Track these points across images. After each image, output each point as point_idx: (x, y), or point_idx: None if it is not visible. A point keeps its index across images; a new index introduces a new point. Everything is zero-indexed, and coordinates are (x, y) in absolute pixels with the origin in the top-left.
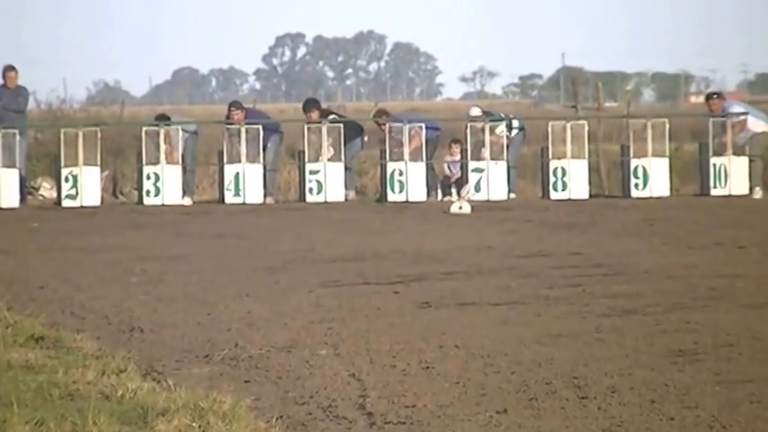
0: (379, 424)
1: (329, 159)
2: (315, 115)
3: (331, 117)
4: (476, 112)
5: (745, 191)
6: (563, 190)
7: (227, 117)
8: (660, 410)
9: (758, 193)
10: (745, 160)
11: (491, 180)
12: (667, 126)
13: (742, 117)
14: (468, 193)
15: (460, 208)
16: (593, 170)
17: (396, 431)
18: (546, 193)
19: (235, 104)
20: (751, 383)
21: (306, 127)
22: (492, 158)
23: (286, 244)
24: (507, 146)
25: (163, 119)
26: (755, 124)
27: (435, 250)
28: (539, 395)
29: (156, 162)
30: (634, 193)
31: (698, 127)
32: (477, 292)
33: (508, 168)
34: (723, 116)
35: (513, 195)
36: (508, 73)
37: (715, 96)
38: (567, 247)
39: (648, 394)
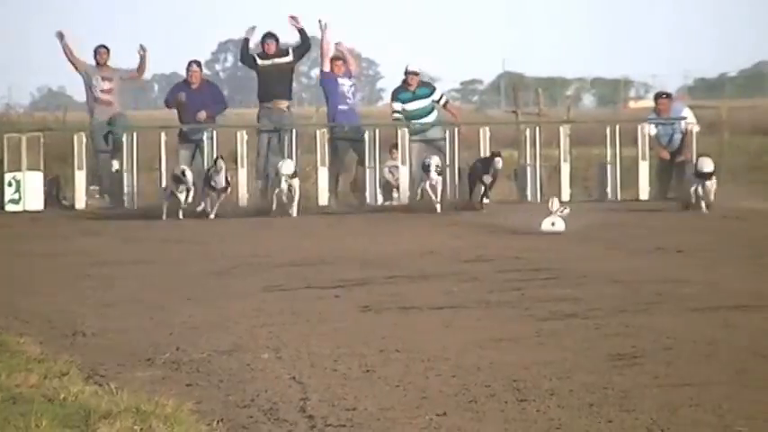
0: (320, 427)
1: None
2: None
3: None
4: (413, 67)
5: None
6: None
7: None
8: (599, 413)
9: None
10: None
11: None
12: (609, 130)
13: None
14: (559, 207)
15: (553, 224)
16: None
17: None
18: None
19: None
20: (690, 387)
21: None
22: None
23: (234, 249)
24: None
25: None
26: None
27: (380, 255)
28: (479, 398)
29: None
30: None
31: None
32: (420, 297)
33: (459, 171)
34: (662, 122)
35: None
36: (449, 78)
37: (664, 96)
38: (509, 251)
39: (588, 397)
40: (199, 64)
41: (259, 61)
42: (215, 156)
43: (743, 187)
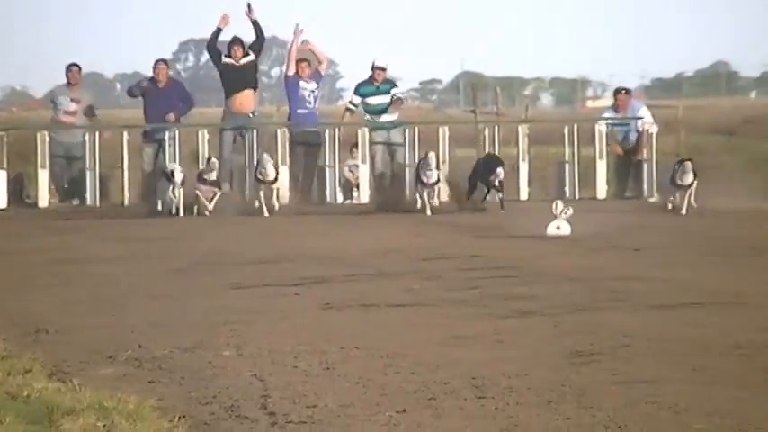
0: (281, 423)
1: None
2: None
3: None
4: (381, 63)
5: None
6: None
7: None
8: (557, 410)
9: (654, 197)
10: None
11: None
12: (567, 129)
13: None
14: (563, 209)
15: (558, 228)
16: None
17: (297, 430)
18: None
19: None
20: (647, 384)
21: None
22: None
23: (194, 247)
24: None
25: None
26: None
27: (341, 253)
28: (438, 395)
29: None
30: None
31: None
32: (380, 294)
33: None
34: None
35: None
36: (409, 78)
37: (623, 92)
38: (469, 249)
39: (546, 394)
40: (166, 62)
41: (224, 59)
42: (207, 155)
43: (699, 186)
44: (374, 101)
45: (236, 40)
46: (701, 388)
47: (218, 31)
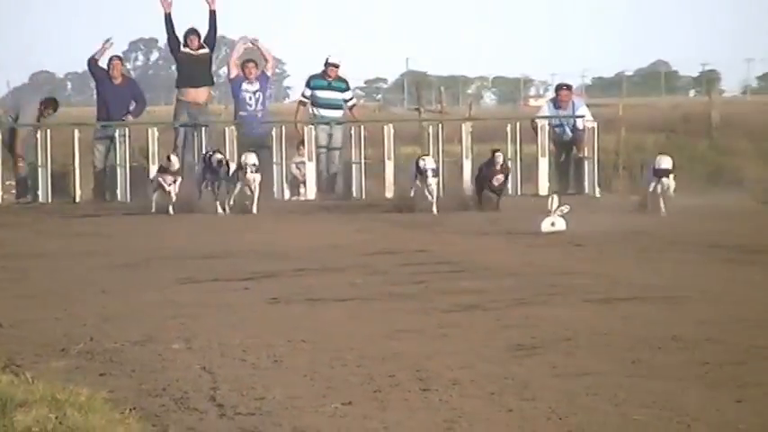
0: (230, 415)
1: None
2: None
3: None
4: (334, 59)
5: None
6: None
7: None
8: (500, 402)
9: (597, 192)
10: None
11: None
12: (509, 127)
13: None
14: (559, 206)
15: (553, 225)
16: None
17: (245, 422)
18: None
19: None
20: (587, 376)
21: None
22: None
23: (144, 242)
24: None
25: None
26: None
27: (287, 248)
28: (383, 387)
29: None
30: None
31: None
32: (326, 289)
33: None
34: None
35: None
36: (354, 77)
37: (565, 87)
38: (414, 244)
39: (489, 387)
40: (120, 58)
41: (183, 49)
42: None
43: (639, 182)
44: (324, 95)
45: (193, 31)
46: (639, 380)
47: (168, 16)
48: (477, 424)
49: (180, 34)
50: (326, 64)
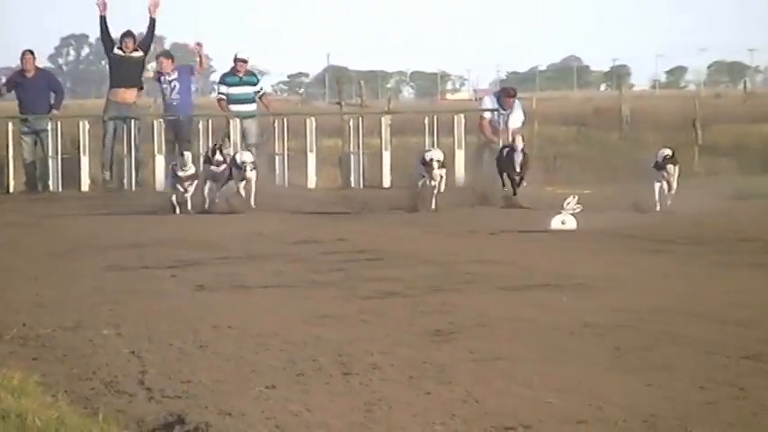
0: (158, 398)
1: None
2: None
3: None
4: (242, 55)
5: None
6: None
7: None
8: (418, 386)
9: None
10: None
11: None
12: (427, 121)
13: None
14: (572, 203)
15: (563, 223)
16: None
17: (173, 405)
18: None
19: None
20: (503, 361)
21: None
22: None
23: (75, 232)
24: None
25: None
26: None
27: (212, 237)
28: (306, 371)
29: None
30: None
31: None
32: (251, 276)
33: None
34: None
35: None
36: (277, 71)
37: (512, 93)
38: (335, 233)
39: (408, 371)
40: (32, 52)
41: (116, 50)
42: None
43: (552, 174)
44: (237, 91)
45: (129, 33)
46: (553, 365)
47: (103, 18)
48: (396, 407)
49: (117, 35)
50: (235, 60)
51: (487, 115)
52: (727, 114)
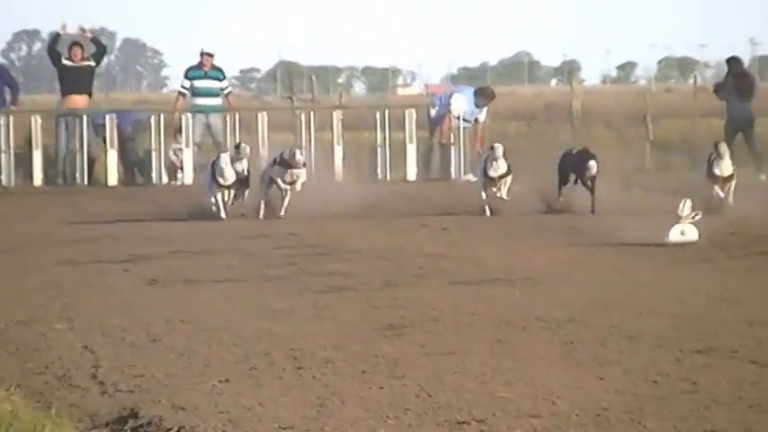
0: (110, 392)
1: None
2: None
3: None
4: (209, 49)
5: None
6: None
7: None
8: (371, 380)
9: (471, 178)
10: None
11: None
12: (378, 115)
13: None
14: (687, 210)
15: (683, 234)
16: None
17: (126, 399)
18: None
19: None
20: (455, 355)
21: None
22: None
23: (27, 228)
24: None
25: None
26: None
27: (165, 232)
28: (259, 366)
29: None
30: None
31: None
32: (202, 271)
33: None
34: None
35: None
36: (229, 66)
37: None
38: (287, 228)
39: (360, 365)
40: None
41: (64, 61)
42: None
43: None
44: (202, 84)
45: (77, 43)
46: (504, 359)
47: (57, 36)
48: (348, 401)
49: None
50: (202, 54)
51: (453, 114)
52: (677, 109)
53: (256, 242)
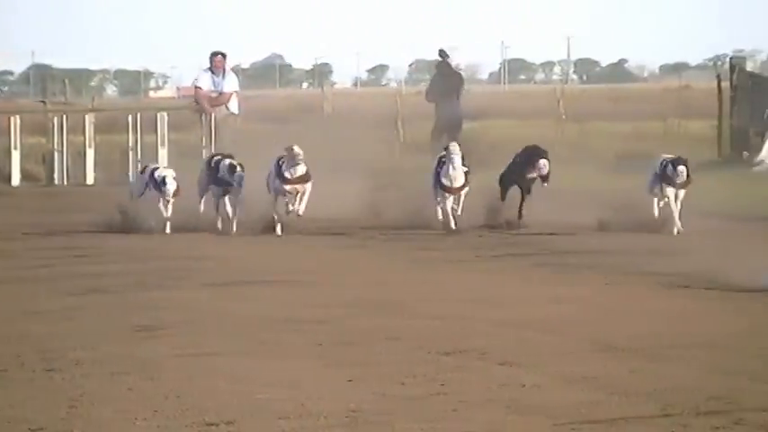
0: None
1: None
2: None
3: None
4: None
5: None
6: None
7: None
8: (121, 381)
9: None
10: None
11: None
12: (131, 118)
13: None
14: None
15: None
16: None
17: None
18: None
19: None
20: (208, 356)
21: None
22: None
23: None
24: None
25: None
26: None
27: None
28: (9, 367)
29: None
30: None
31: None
32: None
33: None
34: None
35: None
36: None
37: (220, 55)
38: (41, 229)
39: (111, 366)
40: None
41: None
42: None
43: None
44: None
45: None
46: (259, 360)
47: None
48: (99, 402)
49: None
50: None
51: (203, 85)
52: (429, 112)
53: (10, 243)
